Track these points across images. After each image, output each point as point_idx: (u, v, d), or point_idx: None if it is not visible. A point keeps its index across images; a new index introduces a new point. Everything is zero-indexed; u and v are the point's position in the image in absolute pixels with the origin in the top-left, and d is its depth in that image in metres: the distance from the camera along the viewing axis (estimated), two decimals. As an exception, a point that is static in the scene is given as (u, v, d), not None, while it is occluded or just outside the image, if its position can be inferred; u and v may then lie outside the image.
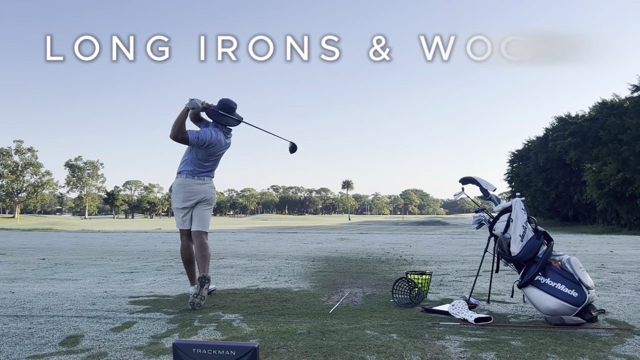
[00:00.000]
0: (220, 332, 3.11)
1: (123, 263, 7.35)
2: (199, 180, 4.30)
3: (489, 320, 3.35)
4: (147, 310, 3.75)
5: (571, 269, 3.28)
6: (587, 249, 10.44)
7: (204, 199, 4.33)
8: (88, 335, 3.00)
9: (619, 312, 3.70)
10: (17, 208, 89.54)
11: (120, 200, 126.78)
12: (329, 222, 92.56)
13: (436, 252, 9.70)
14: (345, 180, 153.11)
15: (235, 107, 4.39)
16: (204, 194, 4.32)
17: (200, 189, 4.30)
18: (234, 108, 4.37)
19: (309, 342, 2.82)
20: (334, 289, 4.80)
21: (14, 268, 6.68)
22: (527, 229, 3.51)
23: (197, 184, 4.29)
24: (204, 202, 4.34)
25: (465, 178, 4.03)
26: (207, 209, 4.38)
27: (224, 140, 4.35)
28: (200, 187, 4.31)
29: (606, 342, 2.86)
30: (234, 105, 4.38)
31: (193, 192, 4.30)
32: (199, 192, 4.30)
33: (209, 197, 4.36)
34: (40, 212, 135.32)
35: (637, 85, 38.95)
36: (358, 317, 3.54)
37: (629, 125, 37.22)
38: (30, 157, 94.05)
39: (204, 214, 4.34)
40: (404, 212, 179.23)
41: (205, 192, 4.33)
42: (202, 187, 4.31)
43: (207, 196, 4.35)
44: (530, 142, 59.30)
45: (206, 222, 4.37)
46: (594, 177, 41.64)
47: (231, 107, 4.35)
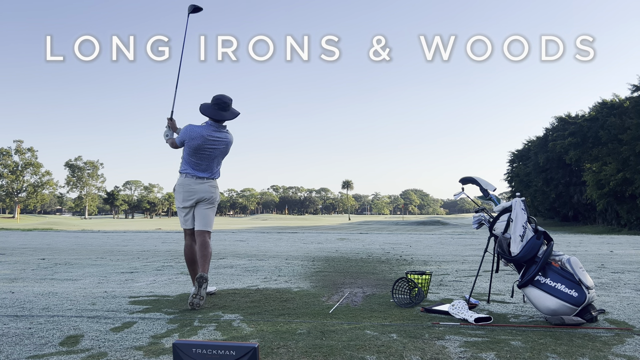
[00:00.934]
0: (220, 332, 3.10)
1: (123, 263, 7.35)
2: (198, 179, 4.25)
3: (489, 320, 3.35)
4: (147, 310, 3.75)
5: (571, 269, 3.28)
6: (587, 249, 10.44)
7: (203, 198, 4.27)
8: (88, 335, 3.00)
9: (619, 312, 3.70)
10: (17, 208, 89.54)
11: (120, 200, 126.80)
12: (329, 222, 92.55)
13: (436, 252, 9.70)
14: (345, 180, 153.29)
15: (227, 101, 4.24)
16: (203, 194, 4.26)
17: (199, 189, 4.25)
18: (226, 102, 4.24)
19: (309, 342, 2.82)
20: (334, 289, 4.80)
21: (14, 268, 6.68)
22: (527, 229, 3.51)
23: (196, 184, 4.25)
24: (204, 201, 4.29)
25: (465, 178, 4.03)
26: (208, 208, 4.32)
27: (208, 134, 4.19)
28: (199, 187, 4.26)
29: (606, 342, 2.86)
30: (227, 99, 4.24)
31: (192, 192, 4.26)
32: (198, 192, 4.25)
33: (209, 197, 4.29)
34: (40, 212, 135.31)
35: (637, 85, 38.96)
36: (358, 317, 3.54)
37: (629, 125, 37.22)
38: (30, 157, 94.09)
39: (205, 213, 4.30)
40: (404, 212, 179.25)
41: (205, 192, 4.27)
42: (201, 187, 4.26)
43: (206, 195, 4.28)
44: (530, 142, 59.32)
45: (208, 222, 4.32)
46: (594, 177, 41.64)
47: (224, 102, 4.22)
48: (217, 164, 4.38)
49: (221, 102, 4.22)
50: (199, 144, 4.20)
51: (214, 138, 4.24)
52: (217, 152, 4.29)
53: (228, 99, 4.26)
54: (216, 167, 4.38)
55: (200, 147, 4.20)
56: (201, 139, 4.19)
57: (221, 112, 4.25)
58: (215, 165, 4.36)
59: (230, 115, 4.31)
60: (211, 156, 4.27)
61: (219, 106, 4.23)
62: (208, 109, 4.25)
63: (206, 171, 4.30)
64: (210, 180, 4.32)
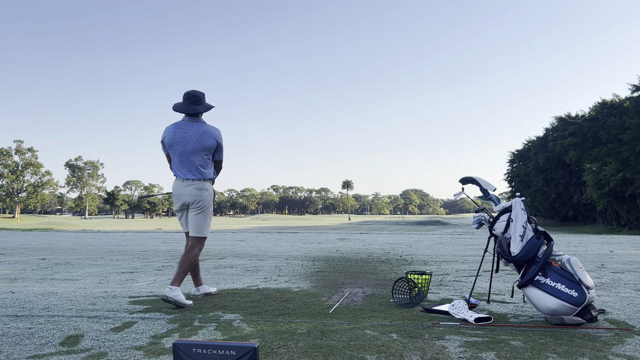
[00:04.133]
0: (220, 332, 3.10)
1: (123, 263, 7.35)
2: (185, 181, 4.09)
3: (489, 320, 3.35)
4: (147, 310, 3.75)
5: (571, 269, 3.28)
6: (587, 249, 10.44)
7: (188, 202, 4.10)
8: (88, 335, 3.00)
9: (619, 312, 3.70)
10: (17, 208, 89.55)
11: (120, 200, 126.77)
12: (329, 222, 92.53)
13: (436, 252, 9.69)
14: (345, 180, 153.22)
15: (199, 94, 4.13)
16: (187, 197, 4.08)
17: (184, 192, 4.09)
18: (197, 96, 4.12)
19: (309, 342, 2.82)
20: (334, 289, 4.80)
21: (14, 268, 6.68)
22: (527, 229, 3.51)
23: (183, 186, 4.09)
24: (191, 205, 4.11)
25: (465, 178, 4.03)
26: (197, 214, 4.12)
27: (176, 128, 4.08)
28: (185, 190, 4.08)
29: (606, 342, 2.86)
30: (198, 93, 4.13)
31: (178, 195, 4.14)
32: (183, 195, 4.10)
33: (193, 200, 4.08)
34: (40, 212, 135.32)
35: (637, 85, 38.94)
36: (358, 317, 3.54)
37: (629, 125, 37.20)
38: (30, 157, 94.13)
39: (193, 219, 4.13)
40: (404, 212, 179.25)
41: (189, 195, 4.08)
42: (186, 190, 4.08)
43: (190, 199, 4.08)
44: (530, 142, 59.30)
45: (197, 227, 4.13)
46: (594, 177, 41.62)
47: (194, 96, 4.11)
48: (202, 161, 4.10)
49: (192, 95, 4.11)
50: (169, 140, 4.09)
51: (184, 130, 4.08)
52: (191, 145, 4.05)
53: (199, 92, 4.16)
54: (201, 165, 4.10)
55: (171, 143, 4.08)
56: (171, 134, 4.09)
57: (193, 106, 4.11)
58: (199, 162, 4.08)
59: (202, 108, 4.15)
60: (186, 151, 4.05)
61: (190, 100, 4.11)
62: (179, 105, 4.13)
63: (190, 171, 4.08)
64: (197, 182, 4.09)
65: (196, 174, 4.08)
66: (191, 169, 4.08)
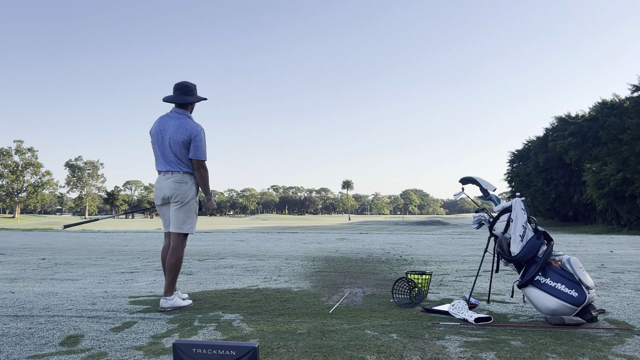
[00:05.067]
0: (220, 332, 3.10)
1: (123, 263, 7.35)
2: (165, 175, 3.91)
3: (489, 320, 3.35)
4: (147, 310, 3.75)
5: (571, 269, 3.28)
6: (587, 249, 10.44)
7: (167, 195, 3.90)
8: (88, 335, 3.00)
9: (619, 312, 3.70)
10: (17, 208, 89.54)
11: (121, 200, 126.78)
12: (329, 222, 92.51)
13: (436, 252, 9.69)
14: (345, 180, 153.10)
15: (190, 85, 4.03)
16: (166, 191, 3.89)
17: (163, 185, 3.91)
18: (188, 86, 4.02)
19: (309, 342, 2.82)
20: (334, 289, 4.80)
21: (14, 268, 6.68)
22: (527, 229, 3.51)
23: (162, 180, 3.92)
24: (171, 199, 3.90)
25: (465, 178, 4.03)
26: (177, 208, 3.89)
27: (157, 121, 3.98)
28: (164, 183, 3.91)
29: (606, 342, 2.86)
30: (189, 83, 4.04)
31: (158, 190, 3.96)
32: (162, 189, 3.91)
33: (172, 194, 3.87)
34: (41, 212, 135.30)
35: (637, 85, 38.93)
36: (358, 317, 3.54)
37: (629, 125, 37.19)
38: (30, 157, 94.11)
39: (174, 214, 3.91)
40: (404, 212, 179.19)
41: (167, 188, 3.88)
42: (165, 183, 3.90)
43: (169, 192, 3.88)
44: (530, 142, 59.27)
45: (177, 223, 3.90)
46: (594, 177, 41.61)
47: (185, 86, 4.02)
48: (180, 154, 3.88)
49: (182, 85, 4.00)
50: (153, 130, 3.99)
51: (165, 122, 3.94)
52: (168, 136, 3.88)
53: (190, 83, 4.07)
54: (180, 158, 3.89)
55: (153, 133, 3.98)
56: (155, 125, 3.99)
57: (183, 96, 3.99)
58: (178, 154, 3.88)
59: (193, 99, 4.02)
60: (164, 142, 3.89)
61: (180, 90, 4.01)
62: (169, 95, 4.03)
63: (169, 163, 3.89)
64: (176, 173, 3.89)
65: (174, 166, 3.90)
66: (169, 161, 3.90)
